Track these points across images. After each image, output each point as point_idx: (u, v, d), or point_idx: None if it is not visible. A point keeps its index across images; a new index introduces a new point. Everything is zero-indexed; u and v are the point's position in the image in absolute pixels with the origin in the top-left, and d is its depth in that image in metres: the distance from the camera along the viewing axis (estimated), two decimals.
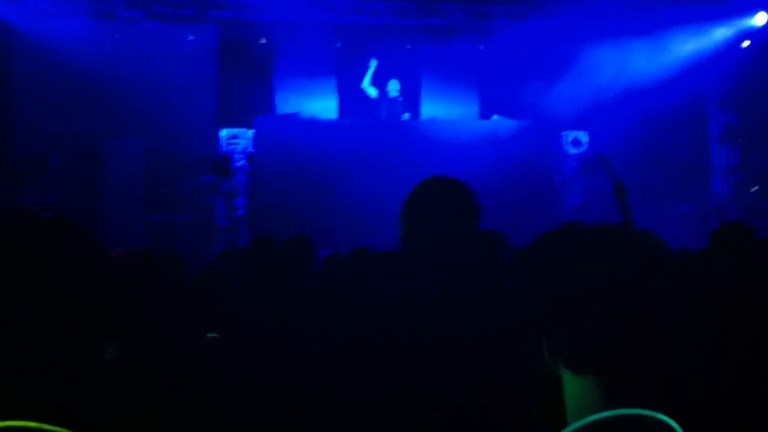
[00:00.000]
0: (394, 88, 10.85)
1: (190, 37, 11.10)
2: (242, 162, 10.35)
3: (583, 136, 10.62)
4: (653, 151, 10.71)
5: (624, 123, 10.50)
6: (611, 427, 1.10)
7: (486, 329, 2.06)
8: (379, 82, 10.99)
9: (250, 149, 10.38)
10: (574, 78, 10.97)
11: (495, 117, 10.80)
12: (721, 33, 10.94)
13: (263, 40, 11.30)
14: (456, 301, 2.18)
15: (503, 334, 2.07)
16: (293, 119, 10.43)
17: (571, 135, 10.65)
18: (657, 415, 1.09)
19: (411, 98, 11.23)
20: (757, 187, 10.45)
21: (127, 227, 9.79)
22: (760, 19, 10.72)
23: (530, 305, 1.19)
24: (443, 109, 11.52)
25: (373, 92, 10.82)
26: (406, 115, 10.89)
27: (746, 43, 10.92)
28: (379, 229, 8.57)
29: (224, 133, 10.42)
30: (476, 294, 2.21)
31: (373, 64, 10.80)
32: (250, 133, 10.39)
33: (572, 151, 10.61)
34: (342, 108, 11.44)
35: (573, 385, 1.19)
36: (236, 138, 10.41)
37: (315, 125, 10.46)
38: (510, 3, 11.33)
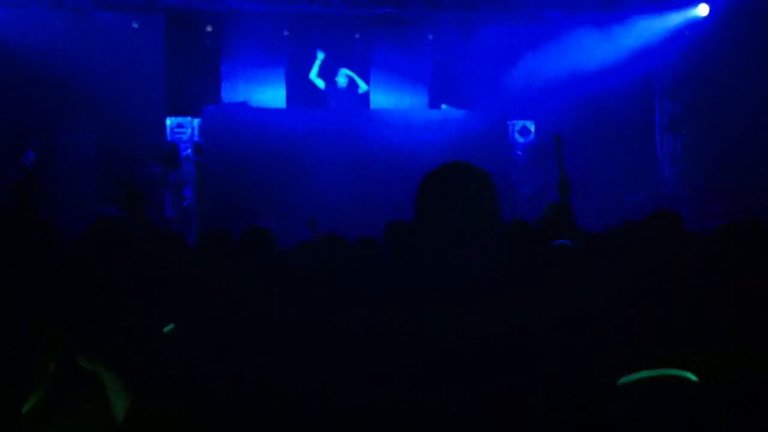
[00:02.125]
0: (343, 77, 10.79)
1: (136, 26, 10.92)
2: (188, 151, 10.19)
3: (531, 125, 10.70)
4: (602, 140, 10.84)
5: (573, 112, 10.60)
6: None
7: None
8: (328, 72, 10.92)
9: (197, 138, 10.23)
10: (522, 67, 11.05)
11: (444, 106, 10.81)
12: (666, 23, 11.11)
13: (210, 28, 11.15)
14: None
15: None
16: (241, 108, 10.29)
17: (519, 124, 10.72)
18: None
19: (360, 88, 11.18)
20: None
21: (80, 220, 9.55)
22: (702, 10, 10.91)
23: None
24: (393, 99, 11.50)
25: (320, 84, 10.73)
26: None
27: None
28: (329, 216, 8.58)
29: (170, 122, 10.24)
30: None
31: (320, 56, 10.71)
32: (196, 122, 10.23)
33: (520, 140, 10.69)
34: (290, 97, 11.34)
35: None
36: (182, 127, 10.26)
37: (263, 114, 10.34)
38: None
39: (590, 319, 2.77)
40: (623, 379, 1.24)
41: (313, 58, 10.99)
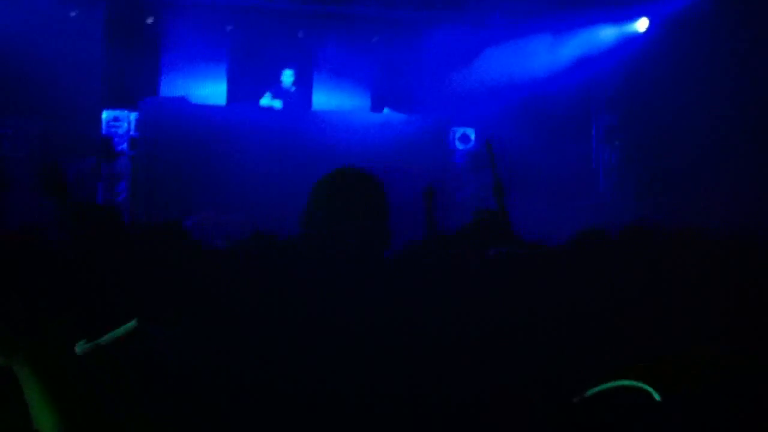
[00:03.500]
0: (288, 77, 10.69)
1: (74, 14, 10.66)
2: (124, 145, 9.98)
3: (471, 133, 10.77)
4: (542, 150, 10.96)
5: (513, 120, 10.71)
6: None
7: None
8: (270, 70, 10.82)
9: (133, 132, 10.03)
10: (464, 73, 11.13)
11: (386, 110, 10.81)
12: (605, 36, 11.31)
13: (151, 20, 10.94)
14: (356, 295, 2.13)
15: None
16: (179, 103, 10.10)
17: (459, 131, 10.79)
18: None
19: (303, 89, 11.11)
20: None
21: (23, 209, 9.37)
22: (642, 24, 11.14)
23: None
24: (335, 100, 11.45)
25: (277, 104, 10.59)
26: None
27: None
28: (264, 216, 8.50)
29: (105, 115, 10.02)
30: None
31: (268, 95, 10.56)
32: (133, 115, 10.03)
33: (460, 147, 10.76)
34: (231, 94, 11.20)
35: None
36: (118, 120, 10.03)
37: (201, 110, 10.18)
38: None
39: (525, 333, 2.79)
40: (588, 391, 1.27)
41: (255, 54, 10.92)
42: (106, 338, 2.24)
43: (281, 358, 2.03)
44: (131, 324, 2.25)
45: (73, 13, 10.67)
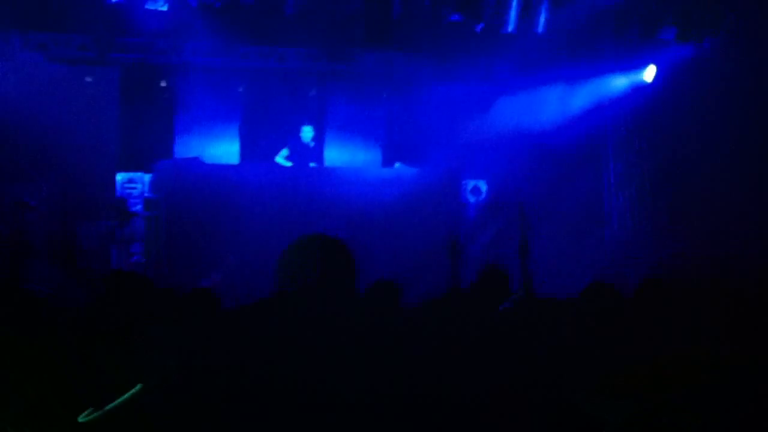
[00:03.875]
0: (308, 133, 10.79)
1: (90, 80, 10.88)
2: (138, 207, 10.08)
3: (483, 185, 10.80)
4: (555, 197, 10.97)
5: (525, 170, 10.74)
6: None
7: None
8: (282, 128, 10.95)
9: (147, 194, 10.14)
10: (474, 126, 11.20)
11: (397, 165, 10.88)
12: (614, 85, 11.38)
13: (164, 83, 11.14)
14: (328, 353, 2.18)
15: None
16: (193, 163, 10.21)
17: (470, 183, 10.81)
18: None
19: (315, 145, 11.22)
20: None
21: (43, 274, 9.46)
22: (649, 73, 11.20)
23: None
24: (347, 155, 11.54)
25: (288, 163, 10.70)
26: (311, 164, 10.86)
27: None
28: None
29: (120, 177, 10.15)
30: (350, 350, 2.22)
31: (284, 152, 10.70)
32: (148, 177, 10.15)
33: (472, 199, 10.77)
34: (244, 153, 11.32)
35: None
36: (133, 182, 10.15)
37: (215, 170, 10.28)
38: (414, 52, 11.51)
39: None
40: None
41: (267, 112, 11.08)
42: (112, 405, 2.25)
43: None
44: (136, 389, 2.26)
45: (89, 78, 10.89)
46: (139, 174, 10.20)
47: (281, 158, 10.64)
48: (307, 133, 10.74)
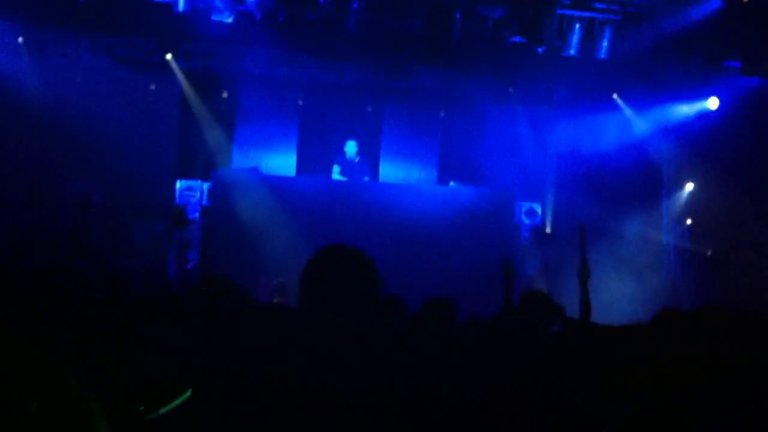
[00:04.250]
0: (352, 149, 10.86)
1: (153, 87, 11.11)
2: (196, 214, 10.23)
3: (538, 207, 10.74)
4: (611, 225, 10.86)
5: (581, 195, 10.66)
6: None
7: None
8: (339, 142, 11.02)
9: (205, 202, 10.28)
10: (531, 147, 11.16)
11: (452, 183, 10.87)
12: (676, 113, 11.24)
13: (225, 94, 11.32)
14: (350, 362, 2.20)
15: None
16: (250, 173, 10.34)
17: (525, 206, 10.75)
18: None
19: (370, 160, 11.27)
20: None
21: (76, 269, 9.67)
22: (713, 103, 11.06)
23: None
24: (402, 172, 11.58)
25: (344, 178, 10.78)
26: (365, 178, 10.90)
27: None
28: None
29: (179, 184, 10.32)
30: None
31: (336, 169, 10.78)
32: (206, 185, 10.31)
33: (526, 221, 10.71)
34: (300, 164, 11.43)
35: None
36: (191, 190, 10.31)
37: (272, 181, 10.39)
38: (472, 71, 11.51)
39: None
40: None
41: (325, 125, 11.19)
42: (163, 410, 2.29)
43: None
44: (186, 395, 2.30)
45: (152, 86, 11.12)
46: (198, 182, 10.35)
47: (336, 175, 10.72)
48: (351, 148, 10.78)
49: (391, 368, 2.21)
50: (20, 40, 10.41)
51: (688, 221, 11.39)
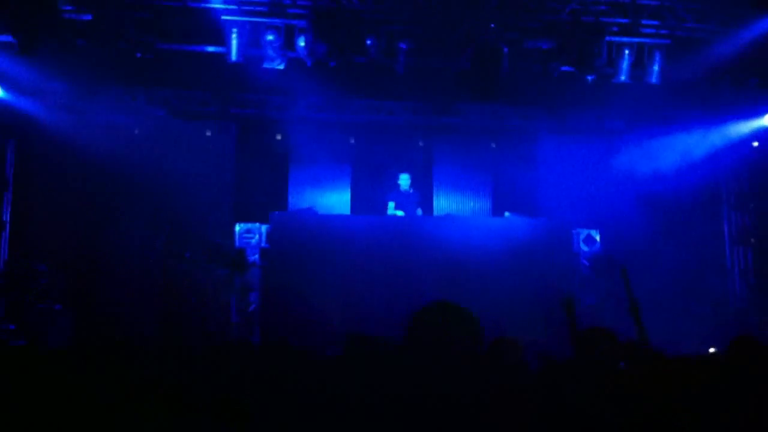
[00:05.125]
0: (405, 181, 10.95)
1: (209, 134, 11.41)
2: (255, 256, 10.39)
3: (596, 234, 10.63)
4: (668, 251, 10.70)
5: (639, 220, 10.55)
6: None
7: None
8: (392, 178, 11.12)
9: (264, 244, 10.44)
10: (586, 175, 11.10)
11: (507, 214, 10.86)
12: (734, 132, 11.06)
13: (279, 137, 11.56)
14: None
15: None
16: (307, 214, 10.50)
17: (583, 233, 10.66)
18: None
19: (423, 193, 11.35)
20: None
21: (142, 317, 9.94)
22: None
23: None
24: (455, 205, 11.61)
25: (400, 213, 10.87)
26: (419, 211, 10.96)
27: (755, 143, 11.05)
28: (392, 325, 8.51)
29: (239, 227, 10.51)
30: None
31: (391, 205, 10.89)
32: (264, 227, 10.48)
33: (585, 248, 10.61)
34: (355, 202, 11.56)
35: None
36: (250, 232, 10.48)
37: (328, 220, 10.53)
38: (522, 104, 11.56)
39: None
40: None
41: (377, 162, 11.39)
42: None
43: None
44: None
45: (208, 133, 11.41)
46: (256, 224, 10.53)
47: (392, 210, 10.81)
48: (404, 180, 10.89)
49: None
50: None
51: (752, 241, 11.17)
